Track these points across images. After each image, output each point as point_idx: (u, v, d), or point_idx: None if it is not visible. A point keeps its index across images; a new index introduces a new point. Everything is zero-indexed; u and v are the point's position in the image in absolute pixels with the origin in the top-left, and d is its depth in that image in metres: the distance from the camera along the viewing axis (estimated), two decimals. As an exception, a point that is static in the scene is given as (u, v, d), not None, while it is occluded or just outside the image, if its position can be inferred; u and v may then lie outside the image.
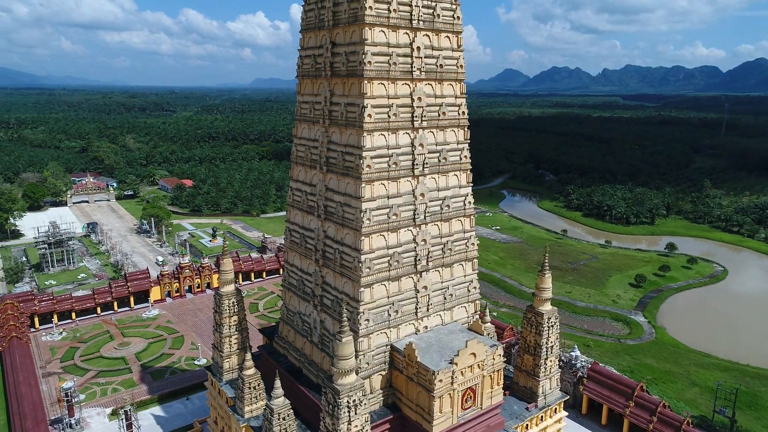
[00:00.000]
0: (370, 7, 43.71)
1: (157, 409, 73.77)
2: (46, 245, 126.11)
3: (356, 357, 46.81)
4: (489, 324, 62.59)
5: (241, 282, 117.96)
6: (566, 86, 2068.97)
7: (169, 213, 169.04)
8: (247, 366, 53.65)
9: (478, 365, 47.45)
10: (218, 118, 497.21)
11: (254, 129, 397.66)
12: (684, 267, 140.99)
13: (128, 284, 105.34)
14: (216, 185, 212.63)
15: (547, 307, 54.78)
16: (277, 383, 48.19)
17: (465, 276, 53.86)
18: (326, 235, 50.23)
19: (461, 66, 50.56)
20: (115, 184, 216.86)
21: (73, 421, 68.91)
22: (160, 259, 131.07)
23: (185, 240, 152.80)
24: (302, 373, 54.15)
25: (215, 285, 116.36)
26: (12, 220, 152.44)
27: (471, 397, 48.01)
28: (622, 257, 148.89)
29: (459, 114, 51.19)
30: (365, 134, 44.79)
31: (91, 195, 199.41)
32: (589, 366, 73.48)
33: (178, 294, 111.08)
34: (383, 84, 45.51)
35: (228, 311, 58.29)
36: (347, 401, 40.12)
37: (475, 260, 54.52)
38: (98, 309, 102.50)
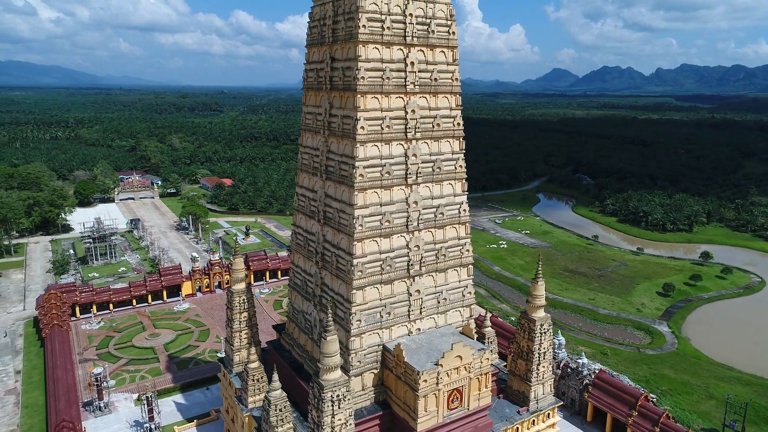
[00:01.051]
0: (364, 26, 46.35)
1: (179, 397, 78.69)
2: (90, 240, 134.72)
3: (348, 355, 49.59)
4: (489, 329, 64.49)
5: (267, 279, 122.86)
6: (617, 86, 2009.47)
7: (206, 211, 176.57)
8: (252, 359, 57.32)
9: (465, 367, 49.33)
10: (262, 119, 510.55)
11: (295, 129, 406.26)
12: (718, 277, 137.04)
13: (161, 279, 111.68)
14: (254, 184, 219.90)
15: (539, 314, 56.00)
16: (275, 376, 51.54)
17: (460, 281, 55.75)
18: (325, 239, 53.21)
19: (456, 79, 52.51)
20: (159, 182, 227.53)
21: (102, 404, 74.64)
22: (195, 255, 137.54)
23: (220, 237, 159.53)
24: (303, 368, 57.36)
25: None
26: (63, 216, 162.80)
27: (457, 398, 49.97)
28: (653, 265, 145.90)
29: (454, 125, 53.16)
30: (358, 145, 47.46)
31: (137, 192, 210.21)
32: (596, 373, 73.72)
33: (208, 289, 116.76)
34: (377, 98, 48.04)
35: (239, 308, 62.09)
36: (331, 396, 42.92)
37: (470, 266, 56.31)
38: (134, 301, 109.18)
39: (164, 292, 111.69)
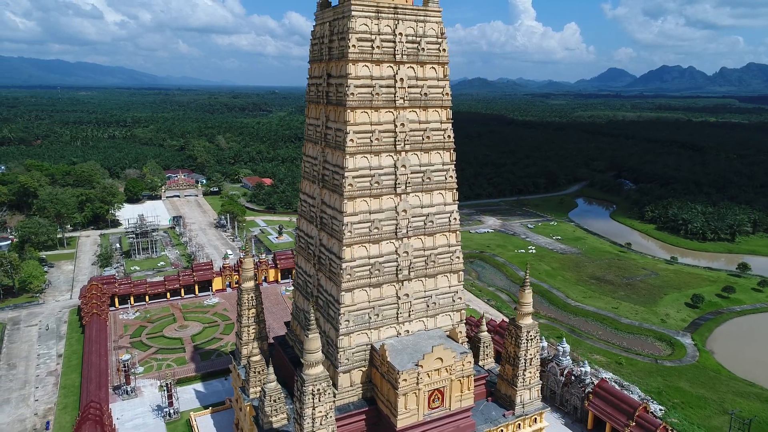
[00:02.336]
0: (354, 45, 49.58)
1: (199, 386, 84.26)
2: (134, 235, 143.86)
3: (337, 353, 52.99)
4: (485, 333, 66.49)
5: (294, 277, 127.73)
6: (676, 87, 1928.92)
7: (244, 210, 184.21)
8: (254, 353, 61.68)
9: (446, 369, 51.78)
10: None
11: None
12: (754, 289, 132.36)
13: (194, 274, 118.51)
14: (292, 185, 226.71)
15: (527, 321, 57.56)
16: (270, 369, 55.68)
17: (450, 286, 58.14)
18: (321, 243, 56.79)
19: (447, 94, 54.94)
20: (204, 181, 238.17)
21: (129, 389, 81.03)
22: (229, 252, 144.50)
23: (255, 235, 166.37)
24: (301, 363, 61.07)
25: (271, 279, 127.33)
26: (112, 211, 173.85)
27: (439, 398, 52.47)
28: (685, 275, 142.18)
29: (444, 138, 55.61)
30: (348, 156, 50.74)
31: (182, 190, 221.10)
32: (597, 382, 74.20)
33: (237, 285, 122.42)
34: (366, 112, 51.17)
35: (247, 304, 66.51)
36: (312, 389, 46.33)
37: (460, 272, 58.61)
38: (168, 294, 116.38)
39: (196, 287, 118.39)
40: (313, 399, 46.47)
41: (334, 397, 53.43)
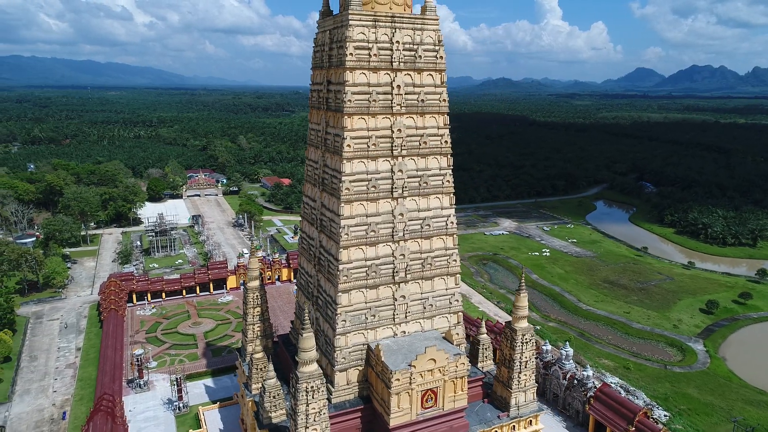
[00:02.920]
0: (351, 54, 51.02)
1: (209, 381, 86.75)
2: (153, 233, 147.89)
3: (334, 352, 54.52)
4: (484, 336, 67.26)
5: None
6: (706, 87, 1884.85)
7: (261, 209, 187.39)
8: (257, 351, 63.66)
9: (439, 370, 52.85)
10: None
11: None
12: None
13: (209, 272, 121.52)
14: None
15: (522, 325, 58.27)
16: (270, 366, 57.51)
17: (447, 289, 59.11)
18: (321, 245, 58.39)
19: (444, 100, 55.94)
20: (224, 180, 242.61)
21: (142, 383, 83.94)
22: (245, 251, 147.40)
23: (271, 235, 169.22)
24: (303, 362, 62.81)
25: (284, 278, 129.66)
26: (134, 210, 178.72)
27: (432, 398, 53.57)
28: (702, 280, 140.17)
29: (441, 143, 56.62)
30: (345, 161, 52.22)
31: (202, 189, 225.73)
32: (599, 386, 74.31)
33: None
34: (363, 118, 52.56)
35: (252, 303, 68.50)
36: (305, 386, 47.92)
37: (457, 275, 59.51)
38: (183, 291, 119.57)
39: (211, 285, 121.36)
40: (306, 396, 48.04)
41: (331, 394, 55.25)
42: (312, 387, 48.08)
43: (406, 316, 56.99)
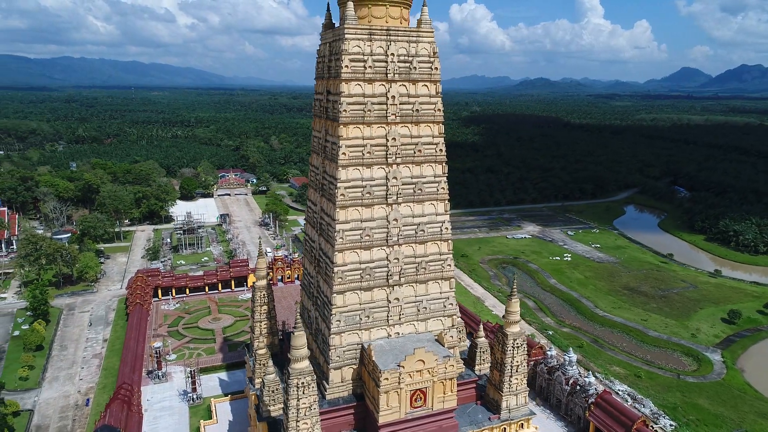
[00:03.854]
0: (347, 66, 53.39)
1: (223, 375, 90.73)
2: (181, 231, 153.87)
3: (329, 350, 57.02)
4: (482, 339, 68.55)
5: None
6: (756, 87, 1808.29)
7: (287, 209, 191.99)
8: (260, 347, 66.79)
9: (428, 371, 54.67)
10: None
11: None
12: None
13: (230, 270, 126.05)
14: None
15: (514, 329, 59.45)
16: (270, 362, 60.49)
17: (441, 293, 60.80)
18: (320, 247, 60.99)
19: (439, 110, 57.70)
20: (254, 180, 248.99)
21: (160, 374, 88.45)
22: (268, 250, 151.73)
23: (295, 235, 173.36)
24: (304, 359, 65.60)
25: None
26: (166, 208, 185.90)
27: (421, 398, 55.45)
28: (727, 289, 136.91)
29: (436, 151, 58.37)
30: (340, 168, 54.63)
31: (233, 189, 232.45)
32: (600, 393, 74.55)
33: (271, 282, 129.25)
34: (359, 127, 54.85)
35: (259, 301, 71.60)
36: (296, 382, 50.52)
37: (451, 279, 61.12)
38: (206, 288, 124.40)
39: (232, 282, 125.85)
40: (297, 391, 50.64)
41: (325, 391, 57.77)
42: (303, 383, 50.62)
43: (400, 318, 58.98)
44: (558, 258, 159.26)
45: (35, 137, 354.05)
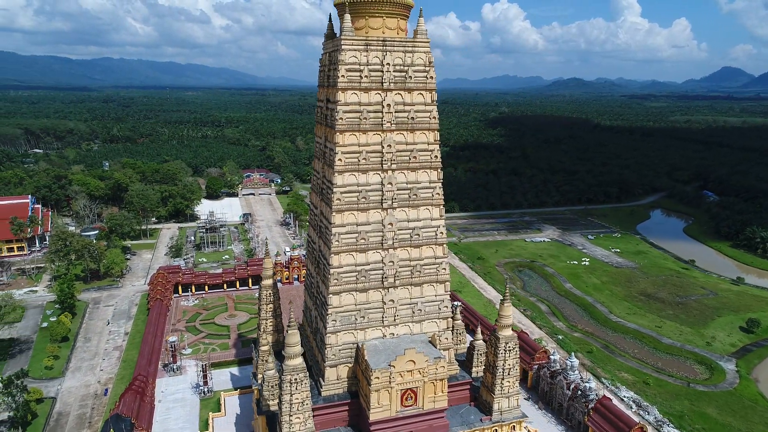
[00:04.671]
0: (343, 76, 55.47)
1: (235, 369, 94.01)
2: (204, 230, 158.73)
3: (325, 349, 59.21)
4: (479, 341, 69.76)
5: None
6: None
7: (307, 209, 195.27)
8: (263, 344, 69.47)
9: (419, 371, 56.39)
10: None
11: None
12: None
13: (248, 268, 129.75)
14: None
15: (506, 333, 60.56)
16: (270, 358, 63.08)
17: (436, 295, 62.31)
18: (320, 249, 63.27)
19: (434, 117, 59.26)
20: (278, 180, 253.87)
21: (175, 367, 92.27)
22: (287, 249, 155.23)
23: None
24: (305, 355, 68.01)
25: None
26: (191, 207, 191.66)
27: (412, 397, 57.19)
28: (749, 297, 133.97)
29: (431, 158, 59.93)
30: (336, 174, 56.75)
31: (257, 189, 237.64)
32: (599, 398, 74.86)
33: (288, 281, 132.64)
34: (355, 135, 56.86)
35: (266, 300, 74.30)
36: (290, 378, 52.92)
37: (446, 283, 62.51)
38: (225, 285, 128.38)
39: (249, 280, 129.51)
40: (290, 387, 53.07)
41: (321, 387, 60.01)
42: (296, 379, 53.01)
43: (395, 319, 60.74)
44: (576, 262, 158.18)
45: (72, 136, 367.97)
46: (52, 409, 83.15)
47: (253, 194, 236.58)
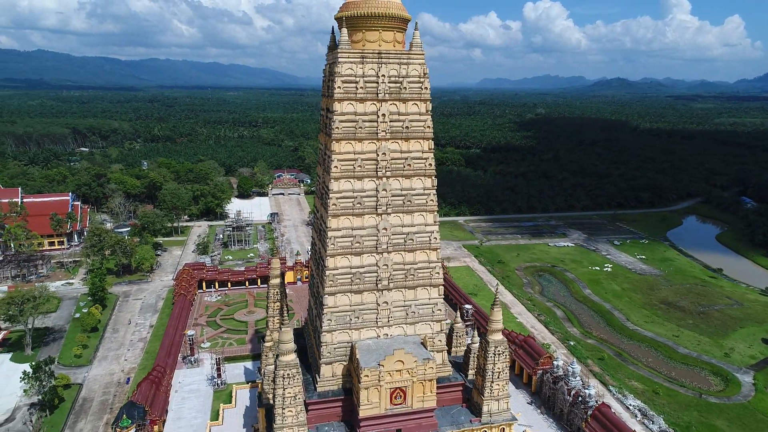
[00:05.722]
0: (339, 87, 58.22)
1: (249, 364, 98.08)
2: (231, 228, 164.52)
3: (320, 347, 62.11)
4: (476, 344, 71.34)
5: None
6: None
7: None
8: (267, 340, 72.81)
9: (408, 371, 58.62)
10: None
11: (447, 134, 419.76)
12: None
13: (268, 267, 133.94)
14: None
15: (496, 337, 62.00)
16: (271, 354, 66.31)
17: (430, 298, 64.41)
18: (319, 252, 66.21)
19: (428, 127, 61.35)
20: (308, 180, 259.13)
21: (192, 359, 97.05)
22: (309, 249, 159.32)
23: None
24: (306, 353, 71.19)
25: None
26: (222, 206, 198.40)
27: (401, 396, 59.47)
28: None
29: (426, 166, 62.03)
30: (332, 180, 59.55)
31: (286, 189, 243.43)
32: (598, 405, 75.21)
33: (307, 279, 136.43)
34: (351, 143, 59.54)
35: (273, 298, 77.91)
36: (283, 374, 55.93)
37: (440, 286, 64.53)
38: (246, 282, 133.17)
39: (283, 277, 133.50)
40: (284, 382, 56.10)
41: (316, 383, 62.94)
42: (289, 374, 55.98)
43: (388, 321, 63.14)
44: (598, 268, 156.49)
45: (116, 136, 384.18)
46: (78, 394, 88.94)
47: (283, 194, 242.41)
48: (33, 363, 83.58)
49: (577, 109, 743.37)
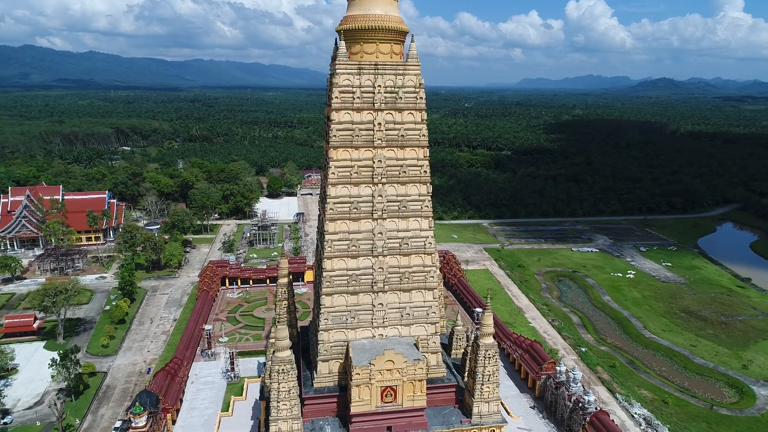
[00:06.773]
0: (337, 97, 60.89)
1: (262, 359, 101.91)
2: (256, 227, 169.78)
3: (317, 345, 64.96)
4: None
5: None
6: None
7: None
8: (271, 338, 76.23)
9: (398, 371, 60.81)
10: (456, 123, 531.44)
11: (480, 136, 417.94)
12: None
13: (290, 266, 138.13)
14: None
15: (487, 341, 63.43)
16: (271, 352, 69.49)
17: (424, 301, 66.30)
18: (319, 254, 69.09)
19: (424, 135, 63.29)
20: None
21: (210, 353, 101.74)
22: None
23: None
24: (308, 350, 74.26)
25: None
26: (250, 205, 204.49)
27: (391, 395, 61.70)
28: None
29: (421, 173, 64.00)
30: (330, 186, 62.28)
31: (315, 189, 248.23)
32: (596, 412, 75.55)
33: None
34: (347, 150, 62.10)
35: (281, 297, 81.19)
36: (278, 369, 59.03)
37: (435, 290, 66.39)
38: (267, 280, 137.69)
39: (290, 276, 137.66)
40: (278, 376, 59.17)
41: (313, 380, 65.81)
42: (284, 369, 59.02)
43: (384, 322, 65.40)
44: (620, 274, 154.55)
45: (156, 135, 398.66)
46: (102, 382, 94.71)
47: (311, 194, 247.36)
48: (60, 351, 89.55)
49: (617, 110, 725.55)
